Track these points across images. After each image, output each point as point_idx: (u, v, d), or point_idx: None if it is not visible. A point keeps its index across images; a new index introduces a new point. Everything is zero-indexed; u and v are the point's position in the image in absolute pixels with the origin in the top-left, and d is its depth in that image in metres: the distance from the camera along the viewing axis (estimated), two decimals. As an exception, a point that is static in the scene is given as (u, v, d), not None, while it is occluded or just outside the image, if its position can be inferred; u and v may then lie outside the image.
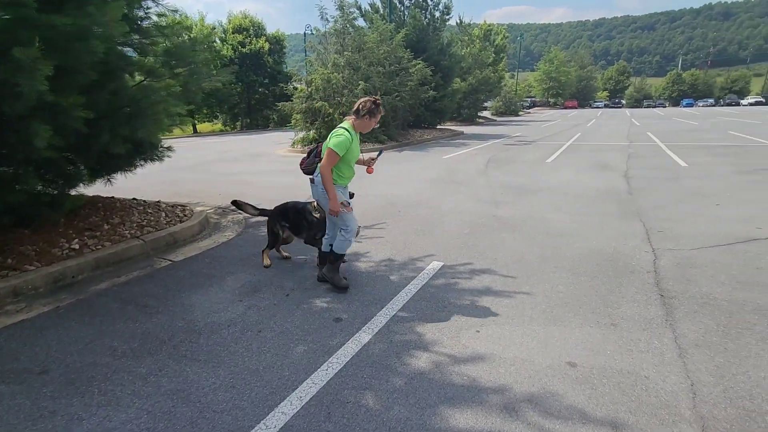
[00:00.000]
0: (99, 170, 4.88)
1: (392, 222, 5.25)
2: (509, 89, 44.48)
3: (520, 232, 4.73)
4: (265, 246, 4.06)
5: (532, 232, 4.70)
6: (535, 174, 8.43)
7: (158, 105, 4.08)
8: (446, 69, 19.89)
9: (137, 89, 4.11)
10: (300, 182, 8.15)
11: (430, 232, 4.80)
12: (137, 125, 3.96)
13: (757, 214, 5.07)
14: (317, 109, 14.04)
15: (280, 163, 11.49)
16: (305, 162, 3.56)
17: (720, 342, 2.48)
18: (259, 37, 32.09)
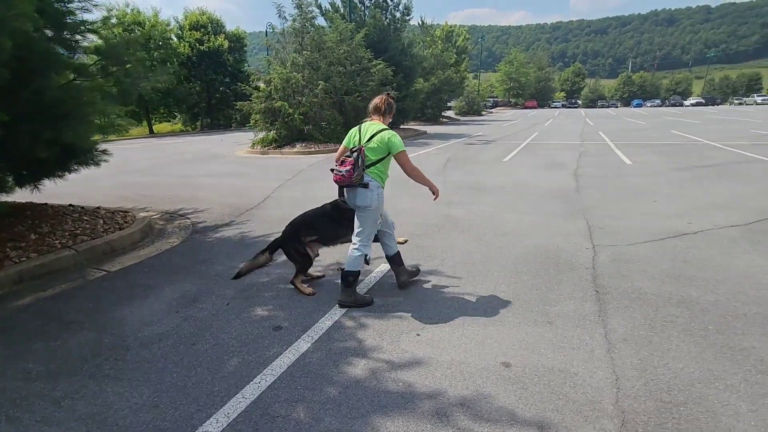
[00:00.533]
0: (26, 177, 4.53)
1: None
2: (472, 89, 45.41)
3: (470, 232, 4.78)
4: (293, 276, 3.44)
5: (482, 231, 4.78)
6: (491, 173, 8.61)
7: (87, 106, 3.82)
8: (408, 69, 20.00)
9: (63, 89, 3.84)
10: (254, 184, 7.93)
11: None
12: (63, 127, 3.70)
13: (689, 209, 5.38)
14: (277, 109, 13.75)
15: (237, 164, 11.16)
16: (351, 174, 2.93)
17: (646, 335, 2.59)
18: (217, 35, 31.12)
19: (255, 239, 4.76)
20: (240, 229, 5.16)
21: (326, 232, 3.50)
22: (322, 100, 13.72)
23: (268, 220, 5.55)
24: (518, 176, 8.19)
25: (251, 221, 5.52)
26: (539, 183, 7.47)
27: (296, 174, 9.17)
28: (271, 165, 10.84)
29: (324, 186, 7.66)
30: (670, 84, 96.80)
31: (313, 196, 6.82)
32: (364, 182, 2.99)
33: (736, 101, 76.92)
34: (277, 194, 7.13)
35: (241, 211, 6.08)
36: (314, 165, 10.46)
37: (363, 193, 3.01)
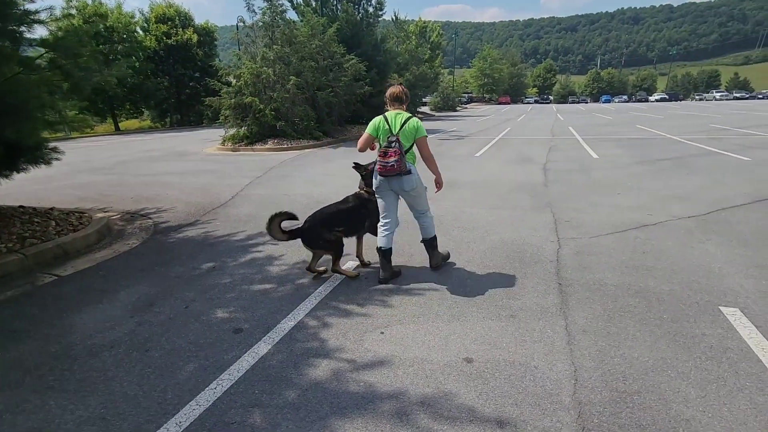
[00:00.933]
0: (-33, 176, 4.24)
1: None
2: (447, 85, 45.73)
3: (438, 227, 4.77)
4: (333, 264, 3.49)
5: (450, 227, 4.79)
6: (463, 168, 8.67)
7: (33, 101, 3.60)
8: (381, 65, 19.94)
9: (6, 84, 3.59)
10: (222, 182, 7.71)
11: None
12: (6, 124, 3.46)
13: (650, 202, 5.56)
14: (247, 105, 13.44)
15: (206, 162, 10.85)
16: (400, 164, 3.13)
17: (604, 327, 2.65)
18: (186, 28, 30.16)
19: (219, 239, 4.62)
20: (204, 229, 5.00)
21: (354, 224, 3.59)
22: (293, 96, 13.49)
23: (235, 218, 5.40)
24: (489, 171, 8.27)
25: (217, 220, 5.35)
26: (509, 177, 7.56)
27: (267, 171, 8.99)
28: (242, 162, 10.59)
29: (295, 183, 7.52)
30: (636, 80, 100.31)
31: (284, 194, 6.70)
32: (408, 169, 3.22)
33: (696, 97, 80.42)
34: (246, 192, 6.96)
35: (207, 209, 5.90)
36: (286, 162, 10.28)
37: (409, 179, 3.28)
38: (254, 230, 4.87)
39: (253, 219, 5.33)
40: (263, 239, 4.53)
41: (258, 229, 4.88)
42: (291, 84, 13.26)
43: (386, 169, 3.15)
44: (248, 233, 4.76)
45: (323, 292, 3.24)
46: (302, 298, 3.16)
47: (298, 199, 6.26)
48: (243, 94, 13.60)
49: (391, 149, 3.12)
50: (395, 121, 3.24)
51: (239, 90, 13.75)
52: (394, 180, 3.27)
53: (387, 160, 3.12)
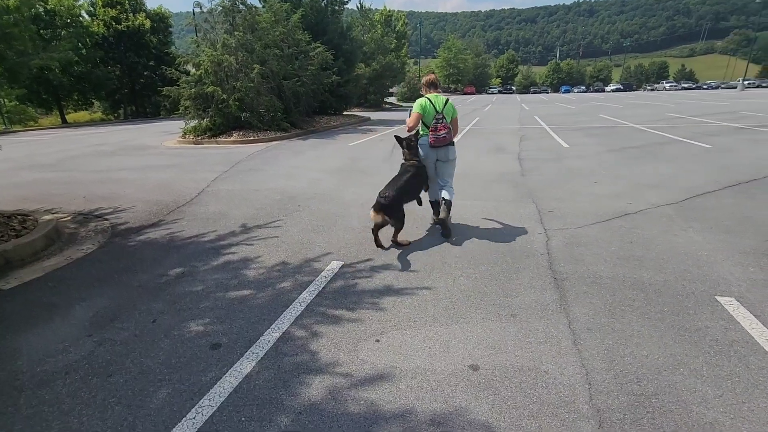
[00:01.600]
0: None
1: (289, 219, 4.79)
2: (413, 75, 45.58)
3: (423, 222, 4.61)
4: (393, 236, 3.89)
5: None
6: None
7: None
8: (348, 53, 19.46)
9: None
10: (185, 177, 7.17)
11: (331, 228, 4.45)
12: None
13: (626, 190, 5.61)
14: (209, 95, 12.71)
15: (166, 156, 10.16)
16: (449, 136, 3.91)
17: (608, 323, 2.55)
18: (137, 13, 28.29)
19: (187, 240, 4.24)
20: (169, 230, 4.58)
21: (415, 192, 4.09)
22: (258, 85, 12.87)
23: (203, 217, 5.00)
24: (465, 161, 8.17)
25: (182, 219, 4.93)
26: (487, 168, 7.49)
27: (233, 165, 8.50)
28: (206, 156, 9.99)
29: (265, 177, 7.12)
30: (593, 71, 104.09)
31: (255, 189, 6.31)
32: (452, 141, 3.99)
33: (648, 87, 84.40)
34: (213, 188, 6.51)
35: (170, 208, 5.44)
36: (253, 155, 9.79)
37: (453, 149, 4.06)
38: (225, 229, 4.50)
39: (223, 217, 4.95)
40: (236, 239, 4.19)
41: (230, 228, 4.52)
42: (255, 73, 12.63)
43: (438, 140, 3.86)
44: (219, 233, 4.40)
45: (308, 297, 2.98)
46: (285, 304, 2.89)
47: (270, 195, 5.91)
48: (204, 84, 12.85)
49: (440, 124, 3.83)
50: (438, 102, 3.90)
51: (199, 79, 12.98)
52: (441, 149, 3.98)
53: (438, 133, 3.83)
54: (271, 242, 4.09)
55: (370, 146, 10.83)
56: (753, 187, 5.50)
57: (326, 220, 4.72)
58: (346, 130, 15.72)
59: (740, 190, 5.38)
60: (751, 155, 7.71)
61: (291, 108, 14.56)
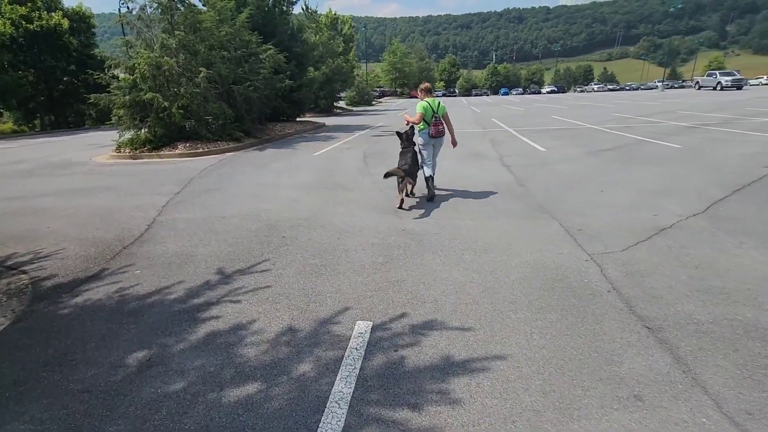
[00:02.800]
0: None
1: (277, 258, 3.84)
2: (361, 79, 44.99)
3: (441, 250, 3.86)
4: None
5: (455, 249, 3.89)
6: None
7: None
8: (300, 56, 18.38)
9: None
10: (128, 203, 5.82)
11: (335, 268, 3.57)
12: None
13: (639, 199, 5.25)
14: (147, 102, 11.15)
15: (99, 175, 8.59)
16: (444, 130, 5.71)
17: (764, 400, 1.95)
18: (52, 12, 25.12)
19: (146, 300, 3.16)
20: (117, 284, 3.45)
21: (417, 165, 5.59)
22: (205, 91, 11.50)
23: (161, 260, 3.89)
24: (449, 170, 7.57)
25: (134, 266, 3.80)
26: (474, 176, 6.92)
27: (186, 184, 7.25)
28: (149, 173, 8.58)
29: (230, 199, 6.00)
30: (528, 74, 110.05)
31: (220, 215, 5.23)
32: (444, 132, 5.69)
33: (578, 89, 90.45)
34: (167, 216, 5.33)
35: (115, 249, 4.25)
36: (207, 170, 8.53)
37: (444, 138, 5.77)
38: (196, 279, 3.47)
39: (190, 260, 3.88)
40: (215, 294, 3.18)
41: (202, 276, 3.49)
42: (202, 77, 11.26)
43: (438, 132, 5.55)
44: (189, 285, 3.36)
45: (345, 391, 2.11)
46: (316, 409, 2.00)
47: (243, 224, 4.88)
48: (140, 90, 11.26)
49: (439, 122, 5.52)
50: (434, 104, 5.54)
51: (135, 85, 11.36)
52: (438, 139, 5.66)
53: (438, 127, 5.52)
54: (264, 296, 3.13)
55: (338, 155, 9.93)
56: (758, 191, 5.35)
57: (324, 256, 3.83)
58: (303, 137, 14.65)
59: (749, 195, 5.20)
60: (721, 154, 7.81)
61: (243, 115, 13.26)
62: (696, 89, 42.77)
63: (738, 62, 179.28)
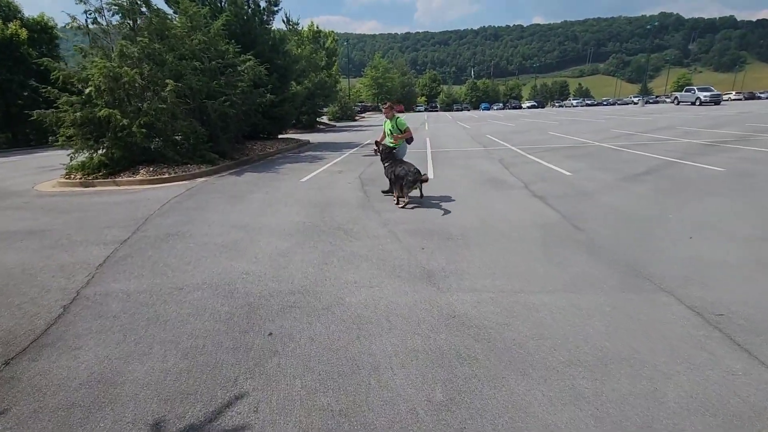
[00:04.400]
0: None
1: (261, 384, 2.29)
2: (344, 94, 43.85)
3: (532, 367, 2.40)
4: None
5: (551, 363, 2.43)
6: (433, 202, 6.42)
7: None
8: (282, 69, 16.94)
9: None
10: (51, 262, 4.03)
11: (363, 417, 2.06)
12: None
13: (744, 251, 3.94)
14: (102, 120, 9.44)
15: (31, 211, 6.81)
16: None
17: None
18: (9, 21, 23.06)
19: None
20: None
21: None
22: (173, 106, 9.88)
23: (58, 400, 2.28)
24: (470, 201, 6.17)
25: (19, 407, 2.18)
26: (509, 214, 5.53)
27: (138, 226, 5.61)
28: (96, 209, 6.86)
29: (193, 251, 4.39)
30: (506, 89, 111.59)
31: (177, 286, 3.62)
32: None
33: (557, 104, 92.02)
34: (98, 288, 3.69)
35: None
36: (171, 204, 6.89)
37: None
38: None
39: (109, 398, 2.29)
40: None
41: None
42: (168, 90, 9.65)
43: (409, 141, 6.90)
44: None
45: None
46: None
47: (208, 303, 3.30)
48: (95, 105, 9.56)
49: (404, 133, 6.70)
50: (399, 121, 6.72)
51: (88, 99, 9.66)
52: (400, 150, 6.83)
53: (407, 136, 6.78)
54: None
55: (331, 182, 8.43)
56: None
57: (341, 382, 2.30)
58: (287, 158, 13.12)
59: None
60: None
61: (218, 134, 11.66)
62: (675, 104, 43.36)
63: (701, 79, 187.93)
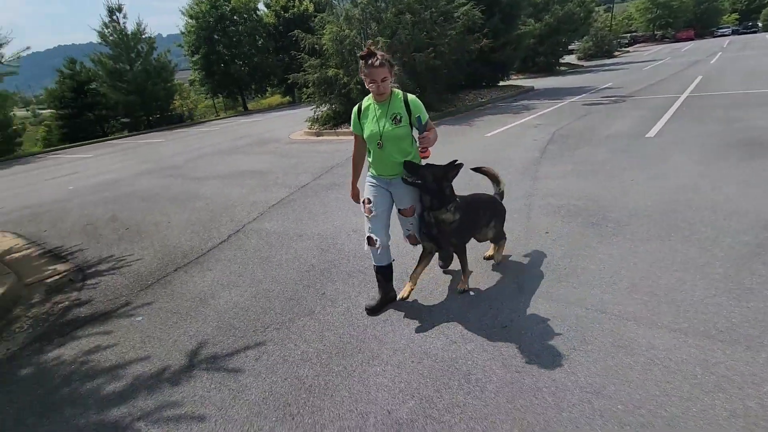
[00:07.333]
0: None
1: (287, 330, 2.49)
2: (602, 25, 36.62)
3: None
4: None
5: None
6: (625, 171, 4.87)
7: None
8: (507, 8, 15.47)
9: None
10: (253, 197, 5.23)
11: None
12: None
13: None
14: (331, 79, 11.24)
15: (275, 156, 9.03)
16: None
17: None
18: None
19: (113, 376, 2.39)
20: (106, 337, 2.83)
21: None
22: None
23: (180, 303, 3.14)
24: (685, 180, 4.36)
25: (150, 306, 3.17)
26: (742, 204, 3.64)
27: (320, 174, 6.62)
28: (309, 155, 8.49)
29: (337, 200, 4.93)
30: None
31: (302, 232, 4.17)
32: None
33: None
34: (259, 225, 4.68)
35: (166, 270, 3.79)
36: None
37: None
38: (167, 355, 2.52)
39: (199, 310, 2.99)
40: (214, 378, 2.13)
41: (171, 358, 2.51)
42: (380, 47, 10.45)
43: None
44: (150, 367, 2.43)
45: None
46: None
47: (307, 253, 3.70)
48: (327, 66, 11.42)
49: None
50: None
51: (324, 61, 11.61)
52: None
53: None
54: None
55: (516, 139, 7.53)
56: None
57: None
58: (496, 108, 12.37)
59: None
60: None
61: (425, 86, 12.01)
62: None
63: None
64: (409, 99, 2.45)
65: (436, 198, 2.46)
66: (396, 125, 2.40)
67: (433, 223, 2.53)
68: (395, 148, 2.44)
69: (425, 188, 2.45)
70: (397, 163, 2.45)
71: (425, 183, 2.43)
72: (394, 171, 2.49)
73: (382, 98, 2.41)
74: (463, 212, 2.57)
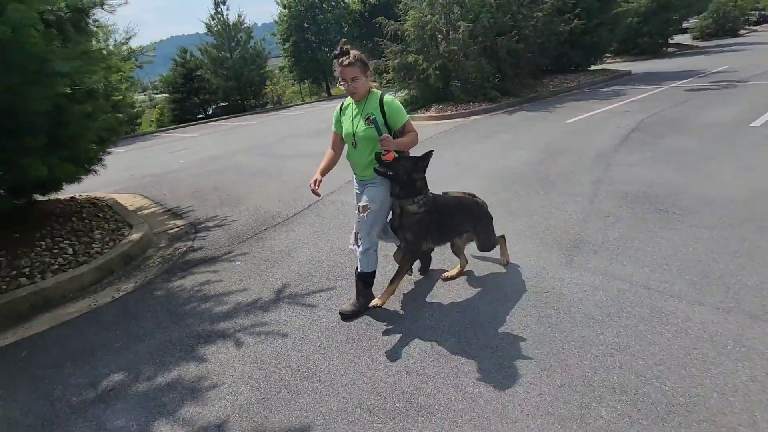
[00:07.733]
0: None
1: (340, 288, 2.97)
2: (725, 0, 31.85)
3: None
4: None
5: None
6: (715, 160, 4.58)
7: None
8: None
9: None
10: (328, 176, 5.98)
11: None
12: None
13: None
14: (411, 65, 11.53)
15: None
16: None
17: None
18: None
19: (220, 301, 3.09)
20: (214, 275, 3.56)
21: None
22: (464, 47, 10.73)
23: (271, 254, 3.79)
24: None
25: (251, 253, 3.87)
26: None
27: (394, 156, 7.03)
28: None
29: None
30: None
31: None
32: None
33: None
34: (335, 197, 5.26)
35: (260, 227, 4.50)
36: (433, 138, 8.04)
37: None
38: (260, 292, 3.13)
39: (289, 268, 3.59)
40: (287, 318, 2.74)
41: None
42: (461, 32, 10.50)
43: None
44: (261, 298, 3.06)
45: None
46: None
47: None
48: (407, 52, 11.72)
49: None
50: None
51: (405, 47, 11.92)
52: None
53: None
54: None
55: (598, 127, 7.24)
56: None
57: (390, 307, 2.66)
58: (583, 93, 11.75)
59: None
60: None
61: (507, 71, 11.78)
62: None
63: None
64: (384, 101, 2.42)
65: (404, 189, 2.44)
66: (368, 126, 2.37)
67: (398, 213, 2.51)
68: (368, 149, 2.45)
69: (396, 179, 2.42)
70: (371, 164, 2.45)
71: (397, 174, 2.40)
72: (367, 172, 2.51)
73: (356, 98, 2.44)
74: (431, 210, 2.48)
